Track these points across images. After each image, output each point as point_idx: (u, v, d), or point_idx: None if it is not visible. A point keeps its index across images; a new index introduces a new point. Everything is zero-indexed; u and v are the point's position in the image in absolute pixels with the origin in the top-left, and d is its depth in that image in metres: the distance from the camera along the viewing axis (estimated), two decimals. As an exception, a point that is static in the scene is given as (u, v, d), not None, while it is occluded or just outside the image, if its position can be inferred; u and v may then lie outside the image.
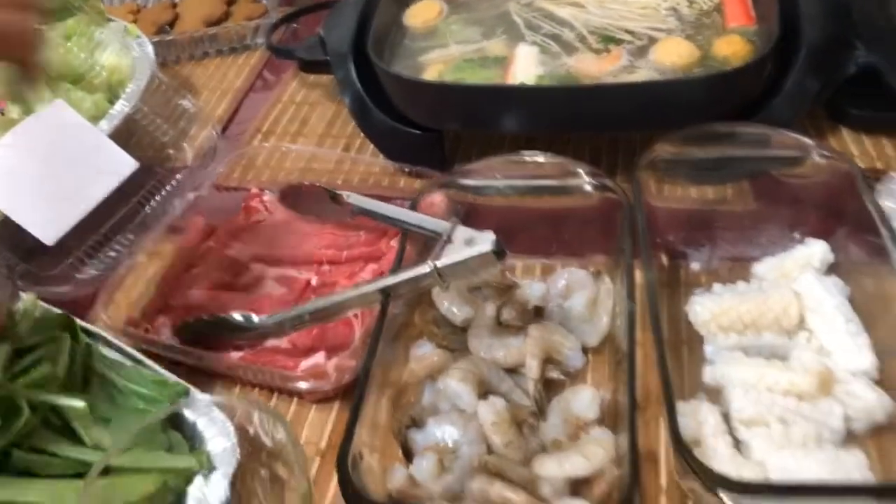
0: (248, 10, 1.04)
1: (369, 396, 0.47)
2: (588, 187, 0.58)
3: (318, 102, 0.88)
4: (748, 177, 0.62)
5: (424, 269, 0.48)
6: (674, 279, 0.61)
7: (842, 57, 0.71)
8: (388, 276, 0.51)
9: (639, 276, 0.53)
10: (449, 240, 0.50)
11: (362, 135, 0.77)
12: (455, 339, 0.55)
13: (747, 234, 0.61)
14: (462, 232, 0.51)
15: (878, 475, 0.45)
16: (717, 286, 0.57)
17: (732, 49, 0.68)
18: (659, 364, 0.45)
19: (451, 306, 0.57)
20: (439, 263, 0.48)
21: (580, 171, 0.58)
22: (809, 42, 0.67)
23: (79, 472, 0.44)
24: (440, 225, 0.52)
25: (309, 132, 0.84)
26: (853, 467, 0.44)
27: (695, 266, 0.61)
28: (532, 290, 0.59)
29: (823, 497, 0.37)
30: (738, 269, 0.60)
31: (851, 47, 0.70)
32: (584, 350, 0.56)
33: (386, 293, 0.50)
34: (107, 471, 0.41)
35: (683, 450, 0.40)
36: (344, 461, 0.42)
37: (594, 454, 0.44)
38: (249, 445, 0.43)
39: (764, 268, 0.58)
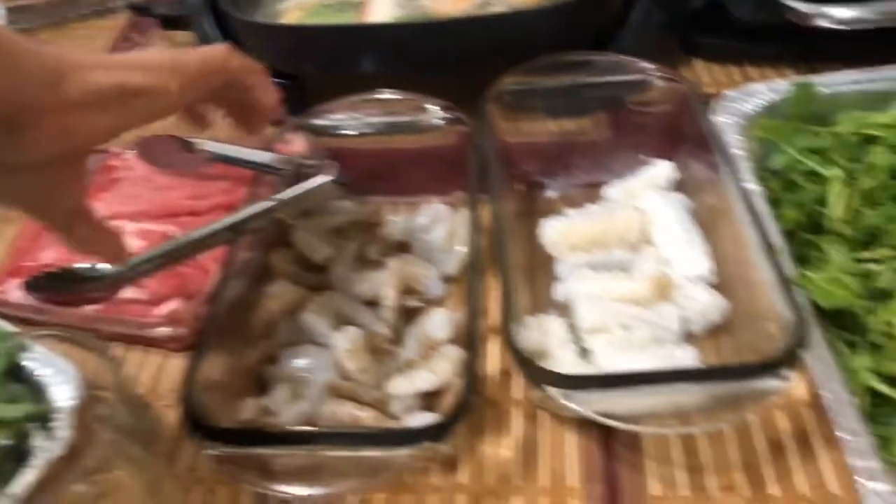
0: (110, -29, 1.00)
1: (218, 335, 0.46)
2: (439, 122, 0.58)
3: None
4: (597, 105, 0.64)
5: (268, 203, 0.48)
6: (531, 207, 0.63)
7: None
8: (234, 214, 0.50)
9: (507, 205, 0.55)
10: (296, 174, 0.50)
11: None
12: (315, 277, 0.56)
13: (600, 160, 0.63)
14: (309, 166, 0.51)
15: (711, 369, 0.48)
16: (569, 210, 0.59)
17: (582, -17, 0.69)
18: (502, 285, 0.46)
19: (312, 246, 0.57)
20: (282, 196, 0.48)
21: (431, 106, 0.59)
22: (652, -28, 0.69)
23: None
24: (289, 161, 0.52)
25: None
26: (684, 361, 0.47)
27: (551, 194, 0.63)
28: (395, 226, 0.59)
29: (641, 384, 0.39)
30: (591, 194, 0.62)
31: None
32: (446, 279, 0.57)
33: (235, 230, 0.50)
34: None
35: (515, 353, 0.41)
36: (188, 398, 0.41)
37: (441, 369, 0.46)
38: (92, 390, 0.42)
39: (614, 190, 0.60)
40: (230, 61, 0.42)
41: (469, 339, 0.43)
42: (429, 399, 0.47)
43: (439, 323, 0.50)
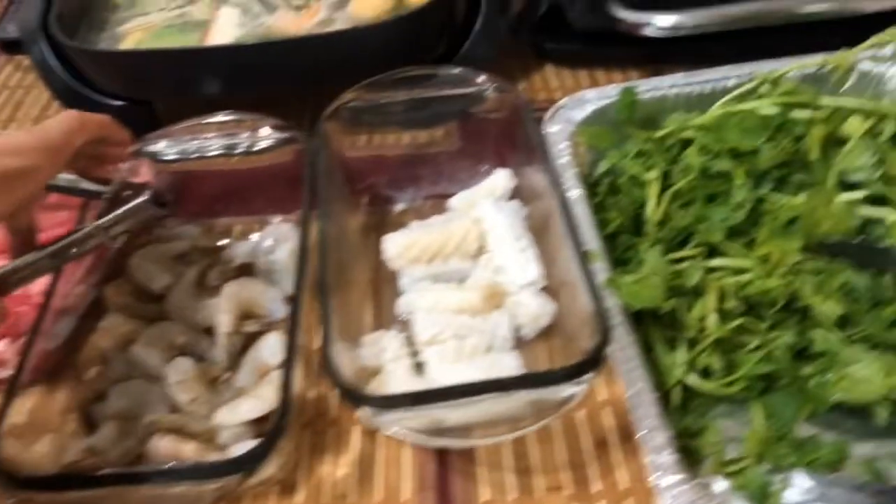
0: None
1: (36, 375, 0.45)
2: (274, 142, 0.58)
3: (32, 85, 0.83)
4: (439, 117, 0.65)
5: (87, 228, 0.47)
6: (380, 221, 0.63)
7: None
8: (53, 243, 0.49)
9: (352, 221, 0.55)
10: (117, 198, 0.50)
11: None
12: (153, 308, 0.55)
13: (445, 171, 0.65)
14: (131, 189, 0.50)
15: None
16: (413, 223, 0.60)
17: (423, -3, 0.70)
18: (321, 306, 0.46)
19: (149, 274, 0.56)
20: (99, 222, 0.47)
21: (266, 127, 0.59)
22: (493, -17, 0.70)
23: None
24: (113, 186, 0.51)
25: (23, 117, 0.80)
26: (507, 368, 0.48)
27: (399, 207, 0.64)
28: (238, 249, 0.59)
29: (439, 400, 0.39)
30: (439, 206, 0.63)
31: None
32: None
33: (56, 258, 0.48)
34: None
35: (330, 376, 0.41)
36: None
37: (264, 396, 0.46)
38: None
39: (457, 201, 0.61)
40: (85, 125, 0.47)
41: (288, 363, 0.43)
42: (261, 425, 0.47)
43: (272, 347, 0.50)
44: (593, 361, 0.41)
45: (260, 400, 0.45)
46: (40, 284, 0.55)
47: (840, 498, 0.43)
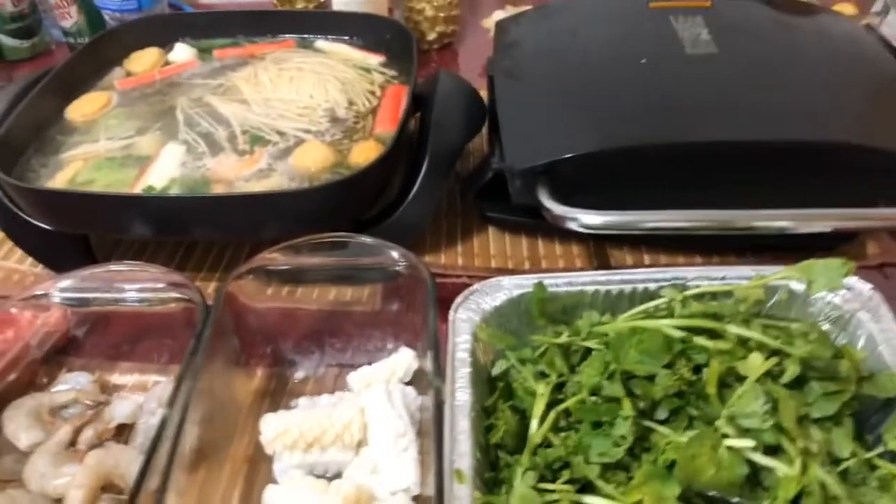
0: (-57, 86, 0.98)
1: None
2: (171, 297, 0.57)
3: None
4: (354, 283, 0.63)
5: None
6: (280, 388, 0.61)
7: (482, 163, 0.75)
8: None
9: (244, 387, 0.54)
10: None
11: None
12: (12, 469, 0.52)
13: (354, 341, 0.63)
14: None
15: None
16: (301, 400, 0.58)
17: (365, 155, 0.70)
18: (159, 486, 0.43)
19: (18, 429, 0.54)
20: None
21: (163, 280, 0.57)
22: (433, 149, 0.69)
23: None
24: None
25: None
26: None
27: (300, 374, 0.62)
28: (120, 407, 0.57)
29: None
30: (339, 378, 0.61)
31: (490, 154, 0.74)
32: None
33: None
34: None
35: None
36: None
37: None
38: None
39: (355, 377, 0.59)
40: None
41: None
42: None
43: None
44: None
45: None
46: None
47: None
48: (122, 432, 0.56)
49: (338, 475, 0.53)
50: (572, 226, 0.62)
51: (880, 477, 0.48)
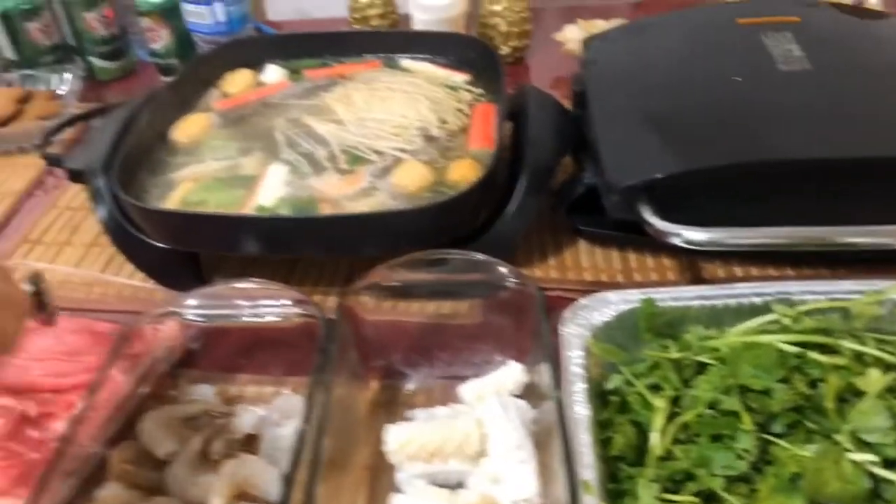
0: (43, 108, 1.03)
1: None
2: (292, 313, 0.60)
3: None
4: (462, 297, 0.65)
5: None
6: (392, 399, 0.63)
7: (574, 175, 0.76)
8: None
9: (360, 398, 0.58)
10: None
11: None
12: (153, 477, 0.55)
13: (463, 354, 0.65)
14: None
15: None
16: (418, 411, 0.60)
17: (462, 173, 0.72)
18: (306, 493, 0.46)
19: (154, 439, 0.57)
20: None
21: (286, 298, 0.60)
22: (531, 166, 0.71)
23: None
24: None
25: (77, 241, 0.84)
26: None
27: (411, 386, 0.64)
28: (246, 419, 0.60)
29: None
30: (449, 390, 0.63)
31: (582, 168, 0.76)
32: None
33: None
34: None
35: None
36: None
37: None
38: None
39: (467, 389, 0.61)
40: None
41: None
42: None
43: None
44: None
45: None
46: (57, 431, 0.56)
47: None
48: (248, 443, 0.59)
49: (458, 485, 0.55)
50: (675, 241, 0.63)
51: None
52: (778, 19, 0.78)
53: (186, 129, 0.82)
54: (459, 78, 0.89)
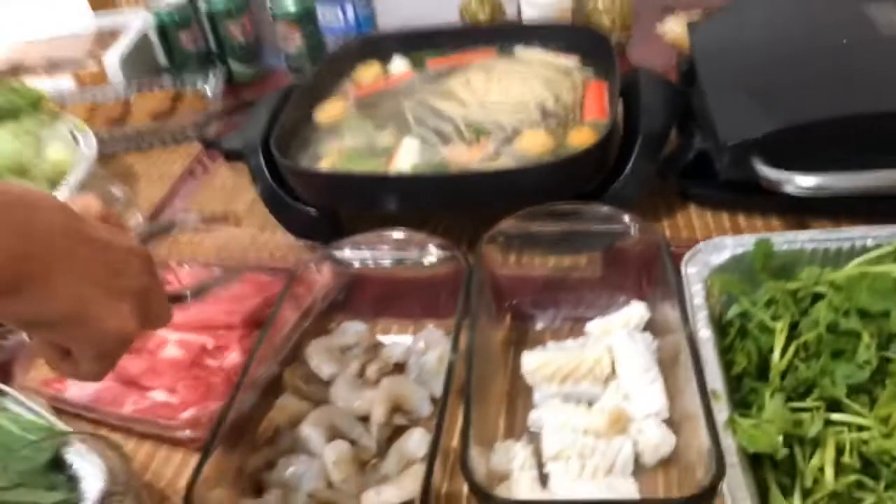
0: (193, 105, 1.14)
1: (225, 441, 0.54)
2: (437, 258, 0.66)
3: (243, 188, 0.97)
4: (584, 248, 0.70)
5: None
6: (522, 337, 0.69)
7: (682, 144, 0.81)
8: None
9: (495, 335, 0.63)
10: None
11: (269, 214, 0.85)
12: (319, 392, 0.63)
13: (585, 297, 0.70)
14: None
15: (654, 501, 0.52)
16: (550, 343, 0.65)
17: (581, 139, 0.77)
18: (464, 412, 0.51)
19: (320, 363, 0.64)
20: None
21: (431, 244, 0.67)
22: (645, 132, 0.76)
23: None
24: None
25: (235, 205, 0.93)
26: (625, 492, 0.51)
27: (539, 325, 0.69)
28: (395, 348, 0.67)
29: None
30: (575, 328, 0.68)
31: (691, 136, 0.80)
32: (435, 400, 0.63)
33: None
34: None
35: (466, 477, 0.47)
36: (189, 495, 0.49)
37: (409, 485, 0.51)
38: (112, 483, 0.50)
39: (593, 326, 0.66)
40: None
41: (430, 459, 0.49)
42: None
43: (417, 442, 0.56)
44: (706, 496, 0.44)
45: (402, 489, 0.51)
46: (233, 360, 0.64)
47: None
48: (397, 369, 0.65)
49: (590, 404, 0.60)
50: (788, 188, 0.67)
51: None
52: (880, -9, 0.81)
53: (327, 111, 0.91)
54: (570, 62, 0.94)
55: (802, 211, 0.77)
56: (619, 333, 0.62)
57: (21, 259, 0.38)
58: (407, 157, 0.80)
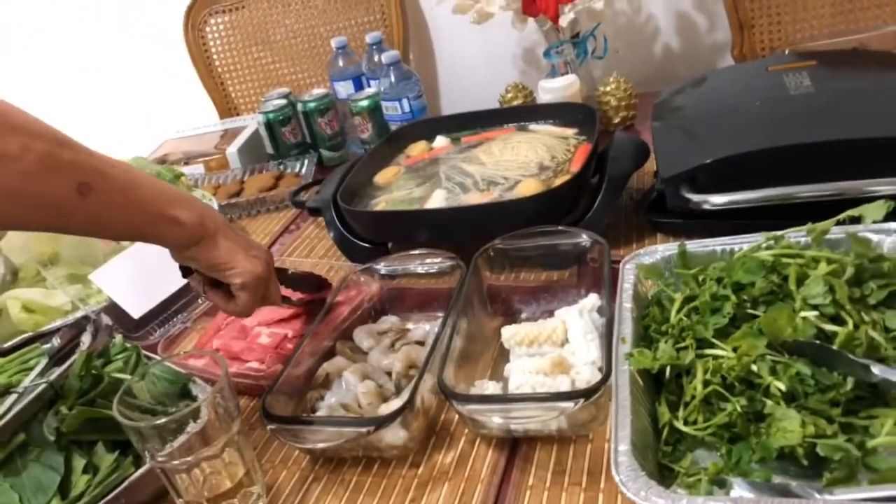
0: (291, 182, 1.44)
1: (289, 382, 0.78)
2: (446, 268, 0.90)
3: (321, 237, 1.24)
4: (553, 260, 0.92)
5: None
6: (509, 325, 0.90)
7: (649, 185, 1.02)
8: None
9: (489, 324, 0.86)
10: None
11: (339, 251, 1.11)
12: (360, 358, 0.86)
13: (559, 294, 0.91)
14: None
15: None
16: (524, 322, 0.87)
17: (562, 181, 1.00)
18: (446, 342, 0.74)
19: (362, 339, 0.88)
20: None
21: (440, 258, 0.91)
22: (609, 176, 0.99)
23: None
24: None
25: (314, 255, 1.20)
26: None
27: (524, 316, 0.91)
28: (417, 332, 0.90)
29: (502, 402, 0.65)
30: (549, 316, 0.89)
31: (655, 179, 1.02)
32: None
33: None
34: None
35: (440, 384, 0.68)
36: (263, 403, 0.73)
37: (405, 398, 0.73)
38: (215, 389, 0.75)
39: (560, 312, 0.87)
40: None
41: (420, 373, 0.72)
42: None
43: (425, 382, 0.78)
44: (594, 390, 0.65)
45: (401, 400, 0.73)
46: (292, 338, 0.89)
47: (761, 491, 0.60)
48: (417, 344, 0.88)
49: (548, 360, 0.80)
50: (705, 206, 0.87)
51: (923, 340, 0.67)
52: (799, 64, 1.02)
53: (384, 175, 1.18)
54: (570, 132, 1.18)
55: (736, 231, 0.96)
56: (572, 312, 0.83)
57: (199, 225, 0.69)
58: (434, 202, 1.05)
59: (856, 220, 0.74)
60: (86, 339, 0.84)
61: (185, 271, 0.80)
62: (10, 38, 2.18)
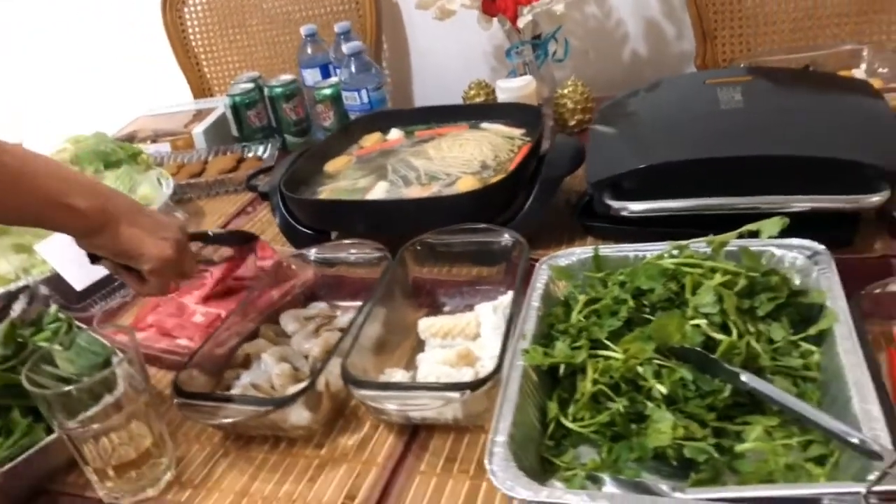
0: (251, 166, 1.46)
1: (208, 359, 0.80)
2: (373, 259, 0.92)
3: (273, 222, 1.26)
4: (484, 257, 0.94)
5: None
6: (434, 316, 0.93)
7: (583, 190, 1.05)
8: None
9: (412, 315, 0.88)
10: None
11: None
12: (283, 342, 0.89)
13: (482, 291, 0.93)
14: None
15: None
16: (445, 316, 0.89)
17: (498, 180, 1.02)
18: (349, 349, 0.76)
19: (287, 323, 0.91)
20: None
21: (369, 249, 0.93)
22: (542, 178, 1.01)
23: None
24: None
25: (264, 235, 1.22)
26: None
27: (447, 308, 0.93)
28: (342, 318, 0.92)
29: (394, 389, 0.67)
30: (470, 310, 0.91)
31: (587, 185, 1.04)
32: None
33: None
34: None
35: (343, 372, 0.71)
36: (175, 378, 0.75)
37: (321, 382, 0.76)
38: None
39: (480, 307, 0.89)
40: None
41: (322, 364, 0.74)
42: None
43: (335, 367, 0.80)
44: (480, 382, 0.67)
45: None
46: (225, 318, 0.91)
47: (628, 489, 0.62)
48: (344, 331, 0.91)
49: (460, 353, 0.83)
50: (624, 213, 0.89)
51: (802, 351, 0.70)
52: (734, 79, 1.04)
53: (334, 164, 1.20)
54: (517, 132, 1.20)
55: (655, 239, 0.98)
56: (487, 307, 0.86)
57: (100, 212, 0.70)
58: (375, 194, 1.07)
59: (754, 234, 0.77)
60: (17, 308, 0.86)
61: (93, 258, 0.79)
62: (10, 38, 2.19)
